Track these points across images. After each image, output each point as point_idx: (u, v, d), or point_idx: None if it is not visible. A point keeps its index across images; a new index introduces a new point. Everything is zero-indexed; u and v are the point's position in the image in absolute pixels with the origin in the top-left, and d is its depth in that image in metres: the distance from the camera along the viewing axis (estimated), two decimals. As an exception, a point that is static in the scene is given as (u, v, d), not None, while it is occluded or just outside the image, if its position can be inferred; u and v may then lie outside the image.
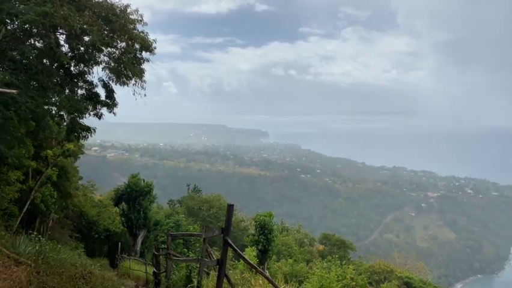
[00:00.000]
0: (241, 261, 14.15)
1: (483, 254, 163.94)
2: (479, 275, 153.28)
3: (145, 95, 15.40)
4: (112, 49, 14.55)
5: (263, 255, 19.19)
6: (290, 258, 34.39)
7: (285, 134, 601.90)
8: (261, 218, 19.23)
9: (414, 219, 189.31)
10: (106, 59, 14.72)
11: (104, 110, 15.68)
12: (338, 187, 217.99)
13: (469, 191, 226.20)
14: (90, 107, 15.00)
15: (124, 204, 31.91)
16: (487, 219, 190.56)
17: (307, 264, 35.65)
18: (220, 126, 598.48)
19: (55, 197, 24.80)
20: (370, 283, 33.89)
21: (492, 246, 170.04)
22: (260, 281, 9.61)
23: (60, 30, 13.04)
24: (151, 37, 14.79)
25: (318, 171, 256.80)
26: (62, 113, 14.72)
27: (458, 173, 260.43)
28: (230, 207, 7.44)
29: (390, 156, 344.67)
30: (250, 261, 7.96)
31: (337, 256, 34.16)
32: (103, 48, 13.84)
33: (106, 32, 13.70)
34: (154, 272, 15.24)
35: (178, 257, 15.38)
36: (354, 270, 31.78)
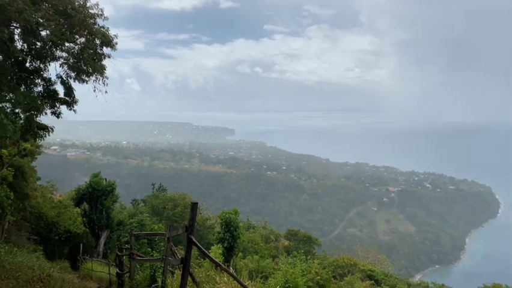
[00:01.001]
0: (207, 259, 14.11)
1: (441, 245, 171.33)
2: (437, 266, 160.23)
3: (106, 91, 15.02)
4: (71, 44, 14.09)
5: (229, 252, 19.23)
6: (256, 254, 34.65)
7: (252, 131, 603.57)
8: (227, 215, 19.25)
9: (376, 213, 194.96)
10: (64, 54, 14.24)
11: (63, 108, 15.19)
12: (303, 183, 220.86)
13: (428, 185, 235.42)
14: (48, 105, 14.46)
15: (85, 205, 30.99)
16: (445, 212, 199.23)
17: (273, 260, 36.04)
18: (186, 123, 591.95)
19: (12, 198, 23.78)
20: (334, 277, 34.70)
21: (449, 237, 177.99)
22: (225, 279, 9.64)
23: (15, 24, 12.48)
24: (112, 32, 14.44)
25: (284, 168, 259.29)
26: (17, 110, 14.11)
27: (418, 168, 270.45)
28: (194, 205, 7.43)
29: (353, 152, 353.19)
30: (214, 258, 7.97)
31: (302, 251, 34.81)
32: (61, 43, 13.39)
33: (65, 27, 13.25)
34: (117, 272, 14.94)
35: (142, 257, 15.17)
36: (319, 264, 32.57)
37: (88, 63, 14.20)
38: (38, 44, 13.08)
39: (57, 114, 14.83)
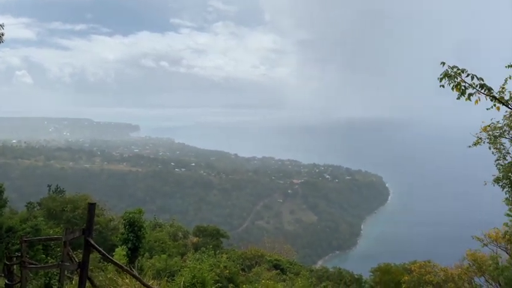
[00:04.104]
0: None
1: (340, 232, 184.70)
2: (337, 251, 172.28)
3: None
4: None
5: (133, 253, 18.66)
6: (164, 253, 34.02)
7: (158, 127, 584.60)
8: (130, 215, 18.64)
9: (282, 205, 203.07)
10: None
11: None
12: (212, 179, 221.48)
13: (327, 176, 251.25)
14: None
15: (-34, 212, 27.60)
16: (342, 201, 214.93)
17: (181, 258, 35.72)
18: (85, 119, 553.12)
19: None
20: (243, 269, 35.60)
21: (347, 224, 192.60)
22: (127, 280, 9.40)
23: None
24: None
25: (193, 164, 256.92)
26: None
27: (319, 161, 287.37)
28: (91, 206, 7.15)
29: (260, 147, 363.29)
30: (115, 260, 7.76)
31: (211, 246, 35.07)
32: None
33: None
34: (6, 284, 13.65)
35: (35, 264, 14.05)
36: (227, 258, 33.08)
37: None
38: None
39: None
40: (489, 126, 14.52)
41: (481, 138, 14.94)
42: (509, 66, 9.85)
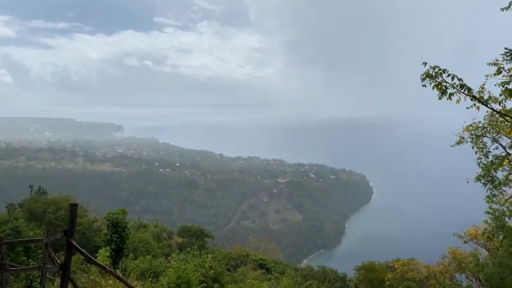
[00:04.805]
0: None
1: (324, 231, 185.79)
2: (322, 250, 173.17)
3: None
4: None
5: (117, 254, 18.43)
6: (148, 254, 33.71)
7: (142, 127, 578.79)
8: (114, 216, 18.40)
9: (267, 204, 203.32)
10: None
11: None
12: (197, 179, 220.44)
13: (312, 175, 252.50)
14: None
15: None
16: (327, 200, 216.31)
17: (166, 258, 35.45)
18: (68, 119, 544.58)
19: None
20: (228, 269, 35.54)
21: (331, 223, 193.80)
22: (111, 281, 9.28)
23: None
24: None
25: (177, 164, 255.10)
26: None
27: (303, 160, 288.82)
28: (73, 206, 7.03)
29: (246, 147, 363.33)
30: (98, 261, 7.64)
31: (196, 246, 34.89)
32: None
33: None
34: (-15, 287, 13.32)
35: (16, 267, 13.75)
36: (212, 258, 32.98)
37: None
38: None
39: None
40: (471, 125, 14.79)
41: (463, 138, 15.23)
42: (491, 64, 10.01)
